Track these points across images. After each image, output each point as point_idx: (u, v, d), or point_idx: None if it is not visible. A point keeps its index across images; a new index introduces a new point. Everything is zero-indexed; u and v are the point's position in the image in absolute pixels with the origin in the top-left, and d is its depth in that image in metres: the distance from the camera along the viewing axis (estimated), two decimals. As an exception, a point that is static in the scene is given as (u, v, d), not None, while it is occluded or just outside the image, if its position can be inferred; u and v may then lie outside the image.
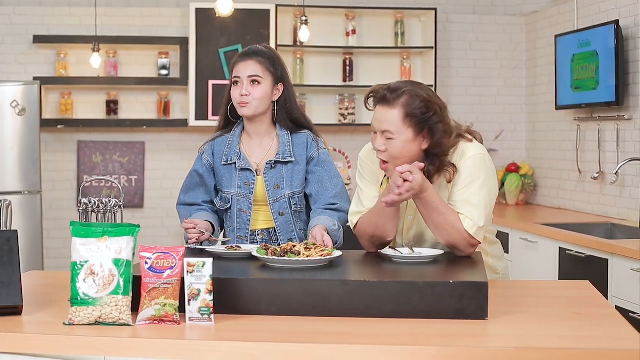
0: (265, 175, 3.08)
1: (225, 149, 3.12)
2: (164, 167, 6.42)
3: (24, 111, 5.32)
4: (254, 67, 3.02)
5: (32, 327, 2.33)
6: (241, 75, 3.03)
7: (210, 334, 2.24)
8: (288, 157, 3.07)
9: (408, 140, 2.73)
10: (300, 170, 3.09)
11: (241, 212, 3.09)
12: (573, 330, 2.26)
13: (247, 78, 3.02)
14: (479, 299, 2.33)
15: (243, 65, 3.04)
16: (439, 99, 2.84)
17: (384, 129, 2.73)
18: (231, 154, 3.10)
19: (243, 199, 3.09)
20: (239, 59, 3.08)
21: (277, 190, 3.08)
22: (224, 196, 3.12)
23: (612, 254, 4.13)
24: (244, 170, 3.09)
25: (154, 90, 6.33)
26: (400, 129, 2.71)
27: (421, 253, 2.79)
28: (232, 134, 3.14)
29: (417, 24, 6.54)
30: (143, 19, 6.32)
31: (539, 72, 6.44)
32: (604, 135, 5.42)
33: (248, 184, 3.08)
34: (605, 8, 5.41)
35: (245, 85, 3.02)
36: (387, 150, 2.74)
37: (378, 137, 2.75)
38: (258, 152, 3.12)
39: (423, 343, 2.15)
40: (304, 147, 3.11)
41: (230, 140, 3.12)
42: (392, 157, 2.74)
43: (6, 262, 2.42)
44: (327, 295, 2.37)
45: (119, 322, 2.28)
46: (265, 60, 3.04)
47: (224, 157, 3.11)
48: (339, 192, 3.10)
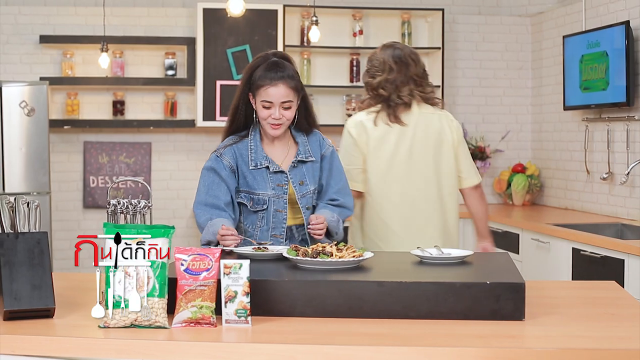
0: (290, 173, 3.18)
1: (250, 154, 3.17)
2: (170, 167, 6.39)
3: (32, 111, 5.28)
4: (286, 92, 3.07)
5: (65, 330, 2.31)
6: (273, 100, 3.07)
7: (248, 337, 2.23)
8: (309, 157, 3.21)
9: None
10: (317, 167, 3.24)
11: (277, 212, 3.15)
12: (609, 331, 2.26)
13: (280, 104, 3.08)
14: (516, 300, 2.32)
15: (274, 90, 3.06)
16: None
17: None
18: (259, 158, 3.16)
19: (278, 200, 3.15)
20: (267, 81, 3.07)
21: (303, 186, 3.19)
22: (259, 198, 3.13)
23: (628, 254, 4.13)
24: (276, 173, 3.16)
25: (161, 91, 6.31)
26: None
27: (450, 253, 2.78)
28: (251, 139, 3.19)
29: (424, 24, 6.53)
30: (149, 19, 6.29)
31: (545, 72, 6.44)
32: (613, 136, 5.43)
33: (281, 185, 3.16)
34: (614, 9, 5.41)
35: (278, 109, 3.08)
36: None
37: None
38: (279, 154, 3.21)
39: (461, 344, 2.15)
40: (317, 146, 3.25)
41: (252, 145, 3.18)
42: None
43: (37, 265, 2.40)
44: (363, 297, 2.36)
45: (155, 325, 2.26)
46: (292, 79, 3.09)
47: (251, 162, 3.16)
48: (342, 188, 3.27)
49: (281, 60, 3.13)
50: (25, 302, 2.34)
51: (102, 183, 6.29)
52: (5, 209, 2.46)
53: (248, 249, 2.88)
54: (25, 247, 2.40)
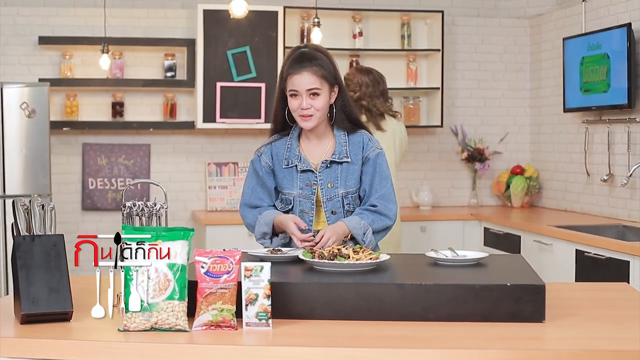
0: (320, 173, 3.08)
1: (285, 152, 3.12)
2: (169, 169, 6.37)
3: (33, 113, 5.24)
4: (311, 79, 2.97)
5: (85, 333, 2.29)
6: (299, 89, 2.98)
7: (269, 339, 2.22)
8: (344, 158, 3.08)
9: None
10: (355, 170, 3.09)
11: (303, 212, 3.09)
12: (630, 332, 2.26)
13: (306, 92, 2.98)
14: (536, 302, 2.32)
15: (299, 78, 2.97)
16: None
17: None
18: (291, 157, 3.10)
19: (305, 200, 3.09)
20: (293, 70, 2.99)
21: (331, 189, 3.08)
22: (285, 197, 3.11)
23: (633, 255, 4.14)
24: (305, 172, 3.09)
25: (160, 92, 6.28)
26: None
27: (465, 255, 2.78)
28: (290, 137, 3.14)
29: (423, 26, 6.53)
30: (148, 20, 6.27)
31: (543, 74, 6.45)
32: (614, 138, 5.44)
33: (310, 185, 3.08)
34: (614, 11, 5.43)
35: (305, 99, 2.99)
36: None
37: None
38: (316, 153, 3.12)
39: (483, 346, 2.14)
40: (359, 147, 3.10)
41: (289, 143, 3.13)
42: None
43: (54, 267, 2.39)
44: (382, 299, 2.36)
45: (175, 328, 2.25)
46: (320, 68, 2.98)
47: (284, 161, 3.11)
48: (385, 194, 3.08)
49: (310, 50, 3.04)
50: (42, 306, 2.33)
51: (100, 185, 6.26)
52: (21, 212, 2.44)
53: (263, 251, 2.87)
54: (42, 250, 2.39)
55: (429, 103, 6.53)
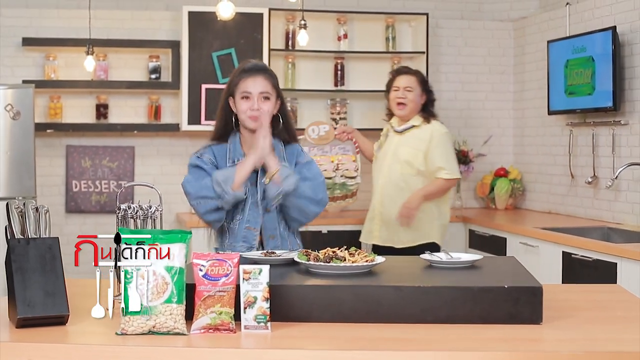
0: (262, 172, 3.23)
1: (228, 152, 3.25)
2: (153, 172, 6.34)
3: (18, 115, 5.19)
4: (264, 83, 3.20)
5: (82, 337, 2.28)
6: (252, 90, 3.19)
7: (267, 342, 2.21)
8: (282, 162, 3.23)
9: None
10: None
11: (255, 206, 3.24)
12: (628, 333, 2.27)
13: (259, 94, 3.19)
14: (533, 304, 2.33)
15: (253, 81, 3.20)
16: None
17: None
18: (236, 155, 3.24)
19: (252, 196, 3.22)
20: (247, 74, 3.22)
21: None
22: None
23: (621, 257, 4.17)
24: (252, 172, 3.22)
25: (144, 94, 6.25)
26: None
27: (460, 258, 2.78)
28: (230, 143, 3.28)
29: (408, 28, 6.55)
30: (133, 22, 6.23)
31: (527, 77, 6.49)
32: (598, 140, 5.48)
33: (254, 184, 3.23)
34: (599, 14, 5.47)
35: (257, 101, 3.18)
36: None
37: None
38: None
39: (483, 348, 2.15)
40: (293, 157, 3.32)
41: (231, 146, 3.27)
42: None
43: (49, 271, 2.37)
44: (381, 301, 2.36)
45: (174, 332, 2.24)
46: (272, 77, 3.25)
47: (229, 159, 3.23)
48: (313, 176, 3.26)
49: (260, 62, 3.35)
50: (38, 309, 2.30)
51: (84, 187, 6.22)
52: (15, 214, 2.41)
53: (256, 254, 2.86)
54: (37, 253, 2.37)
55: (414, 105, 6.54)
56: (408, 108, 4.90)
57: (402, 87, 4.90)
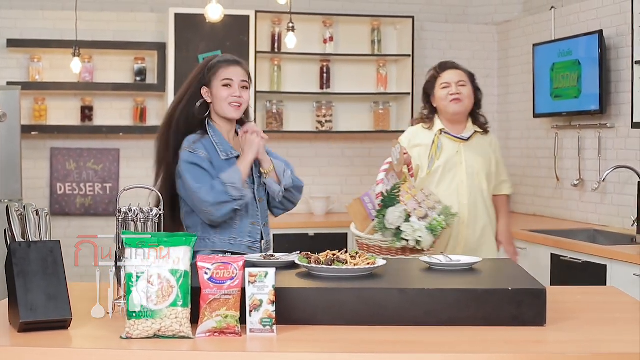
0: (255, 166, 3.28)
1: (217, 147, 3.20)
2: (138, 174, 6.29)
3: (4, 117, 5.13)
4: (243, 73, 3.24)
5: (86, 341, 2.26)
6: (234, 78, 3.21)
7: (273, 346, 2.20)
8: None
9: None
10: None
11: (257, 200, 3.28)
12: (629, 334, 2.29)
13: (240, 82, 3.21)
14: (537, 306, 2.34)
15: (234, 69, 3.22)
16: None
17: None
18: (227, 149, 3.21)
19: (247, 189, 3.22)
20: (226, 63, 3.23)
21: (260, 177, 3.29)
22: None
23: (610, 259, 4.20)
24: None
25: (130, 97, 6.22)
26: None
27: (459, 260, 2.79)
28: (212, 134, 3.22)
29: (393, 31, 6.57)
30: (118, 23, 6.20)
31: (512, 80, 6.52)
32: (584, 143, 5.52)
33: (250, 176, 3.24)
34: (585, 18, 5.51)
35: (238, 89, 3.20)
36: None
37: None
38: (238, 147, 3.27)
39: (488, 350, 2.16)
40: None
41: (216, 140, 3.21)
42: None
43: (51, 274, 2.34)
44: (384, 304, 2.36)
45: (179, 335, 2.22)
46: (247, 69, 3.29)
47: (222, 154, 3.19)
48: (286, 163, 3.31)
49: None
50: (41, 313, 2.28)
51: (69, 190, 6.18)
52: (15, 218, 2.39)
53: (256, 256, 2.85)
54: (39, 257, 2.34)
55: (399, 108, 6.56)
56: (465, 104, 4.03)
57: (454, 83, 4.03)
